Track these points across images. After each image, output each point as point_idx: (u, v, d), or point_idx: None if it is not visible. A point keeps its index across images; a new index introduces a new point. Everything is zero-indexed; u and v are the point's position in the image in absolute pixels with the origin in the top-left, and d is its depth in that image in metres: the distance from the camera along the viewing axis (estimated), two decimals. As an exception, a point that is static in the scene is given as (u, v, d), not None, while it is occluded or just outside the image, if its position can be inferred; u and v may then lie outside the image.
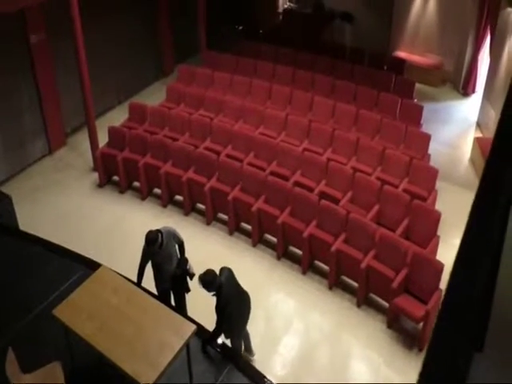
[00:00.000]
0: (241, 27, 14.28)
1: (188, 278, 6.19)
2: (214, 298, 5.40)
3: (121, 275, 6.04)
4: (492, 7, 10.61)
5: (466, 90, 11.84)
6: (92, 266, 6.52)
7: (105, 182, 9.23)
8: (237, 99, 10.13)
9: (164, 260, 5.98)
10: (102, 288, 5.70)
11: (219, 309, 5.38)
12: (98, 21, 10.13)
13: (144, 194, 8.91)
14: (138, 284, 6.05)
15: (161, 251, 5.87)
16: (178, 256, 6.16)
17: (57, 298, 6.06)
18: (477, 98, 11.39)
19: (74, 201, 8.91)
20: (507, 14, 9.86)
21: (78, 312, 5.36)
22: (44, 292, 6.46)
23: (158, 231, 5.83)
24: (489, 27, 10.83)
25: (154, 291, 6.26)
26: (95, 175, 9.32)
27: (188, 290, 6.28)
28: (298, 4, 14.29)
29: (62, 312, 5.36)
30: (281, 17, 14.59)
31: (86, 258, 7.04)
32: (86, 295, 5.59)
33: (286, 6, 14.69)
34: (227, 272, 5.54)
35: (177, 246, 6.12)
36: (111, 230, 8.27)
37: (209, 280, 5.28)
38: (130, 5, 11.19)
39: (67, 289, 6.24)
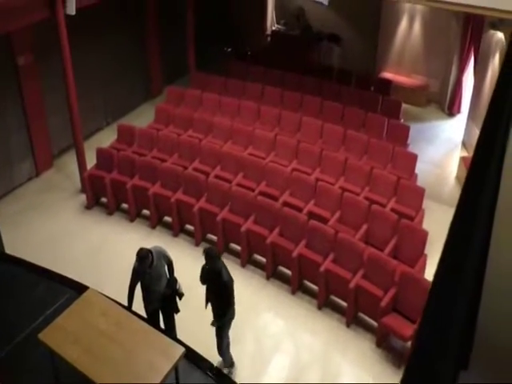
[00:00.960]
0: (229, 49, 14.43)
1: (177, 298, 6.16)
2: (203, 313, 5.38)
3: (109, 298, 5.99)
4: (475, 30, 10.84)
5: (451, 110, 12.01)
6: (79, 288, 6.46)
7: (92, 203, 9.19)
8: (226, 120, 10.20)
9: (153, 280, 5.95)
10: (90, 311, 5.64)
11: (222, 286, 5.72)
12: (86, 42, 10.19)
13: (132, 216, 8.88)
14: (129, 305, 6.01)
15: (151, 271, 5.86)
16: (168, 276, 6.13)
17: (43, 322, 5.98)
18: (462, 117, 11.56)
19: (61, 223, 8.85)
20: (490, 36, 10.07)
21: (64, 336, 5.29)
22: (30, 316, 6.38)
23: (149, 250, 5.82)
24: (472, 49, 11.05)
25: (143, 312, 6.21)
26: (83, 197, 9.29)
27: (177, 311, 6.25)
28: (286, 26, 14.49)
29: (48, 336, 5.29)
30: (269, 38, 14.77)
31: (73, 280, 6.97)
32: (73, 318, 5.53)
33: (274, 28, 14.89)
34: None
35: (166, 266, 6.11)
36: (99, 252, 8.22)
37: (215, 254, 5.74)
38: (119, 26, 11.26)
39: (54, 312, 6.16)
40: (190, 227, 8.55)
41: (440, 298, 1.20)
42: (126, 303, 6.10)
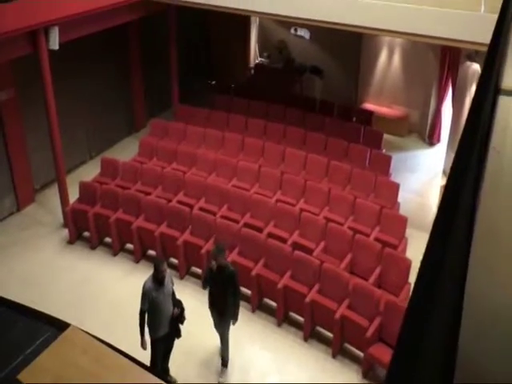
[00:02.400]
0: (213, 82, 14.61)
1: (179, 323, 6.14)
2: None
3: (92, 335, 5.87)
4: (452, 61, 11.13)
5: (431, 139, 12.22)
6: (60, 326, 6.31)
7: (75, 238, 9.10)
8: (210, 152, 10.25)
9: (165, 299, 5.98)
10: (71, 349, 5.49)
11: (234, 277, 6.24)
12: (69, 76, 10.26)
13: (116, 250, 8.80)
14: (142, 331, 5.95)
15: (163, 288, 5.91)
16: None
17: (21, 363, 5.82)
18: (442, 147, 11.75)
19: (42, 259, 8.73)
20: (467, 67, 10.34)
21: (44, 376, 5.15)
22: (8, 356, 6.20)
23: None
24: (450, 80, 11.33)
25: (128, 347, 6.08)
26: (65, 232, 9.20)
27: (179, 335, 6.20)
28: (269, 59, 14.73)
29: (28, 377, 5.13)
30: (252, 71, 14.99)
31: (54, 318, 6.81)
32: (54, 357, 5.37)
33: (257, 61, 15.13)
34: None
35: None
36: (81, 287, 8.10)
37: (224, 248, 6.33)
38: (102, 60, 11.35)
39: (33, 352, 6.00)
40: (174, 260, 8.48)
41: (411, 329, 1.20)
42: (109, 339, 5.96)
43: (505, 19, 3.60)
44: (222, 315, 6.47)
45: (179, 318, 6.13)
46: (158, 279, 5.88)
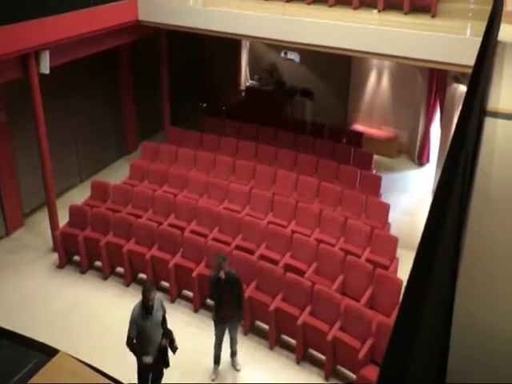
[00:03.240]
0: (204, 104, 14.72)
1: (170, 352, 6.01)
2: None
3: (81, 360, 5.81)
4: (440, 83, 11.30)
5: (420, 160, 12.33)
6: (49, 352, 6.25)
7: (65, 262, 9.01)
8: (201, 175, 10.27)
9: (153, 327, 5.83)
10: (60, 375, 5.44)
11: (239, 281, 6.69)
12: (60, 99, 10.30)
13: (106, 274, 8.72)
14: (136, 354, 5.81)
15: (151, 316, 5.78)
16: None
17: (10, 389, 5.74)
18: (431, 167, 11.85)
19: (31, 283, 8.63)
20: (454, 89, 10.50)
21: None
22: (-5, 383, 6.11)
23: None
24: (438, 101, 11.50)
25: (118, 372, 6.00)
26: (55, 256, 9.11)
27: (168, 365, 6.08)
28: (260, 81, 14.88)
29: (15, 404, 5.06)
30: (243, 94, 15.12)
31: (43, 343, 6.75)
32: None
33: (248, 84, 15.27)
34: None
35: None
36: (72, 312, 8.00)
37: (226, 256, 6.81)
38: (93, 83, 11.41)
39: (22, 379, 5.92)
40: (165, 283, 8.41)
41: (397, 349, 1.19)
42: (100, 364, 5.92)
43: (488, 43, 3.68)
44: (233, 320, 6.74)
45: (170, 347, 6.00)
46: (145, 306, 5.75)
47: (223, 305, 6.62)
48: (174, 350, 6.01)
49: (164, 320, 6.03)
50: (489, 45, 3.93)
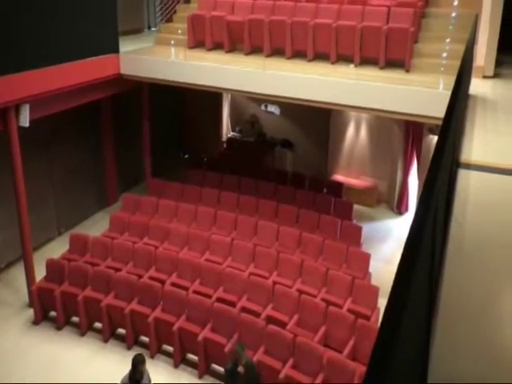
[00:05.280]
0: (186, 155, 14.83)
1: None
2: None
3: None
4: (416, 134, 11.61)
5: (399, 209, 12.48)
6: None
7: (41, 318, 8.75)
8: (182, 226, 10.22)
9: None
10: None
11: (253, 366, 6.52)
12: (40, 149, 10.29)
13: (83, 330, 8.46)
14: None
15: None
16: None
17: None
18: (410, 216, 11.97)
19: (6, 341, 8.34)
20: (429, 140, 10.78)
21: None
22: None
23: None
24: (415, 152, 11.78)
25: None
26: (30, 312, 8.85)
27: None
28: (241, 133, 15.11)
29: None
30: (225, 145, 15.30)
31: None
32: None
33: (229, 135, 15.49)
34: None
35: None
36: (47, 371, 7.69)
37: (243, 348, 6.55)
38: (74, 133, 11.43)
39: None
40: (144, 339, 8.20)
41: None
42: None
43: (457, 96, 3.81)
44: None
45: None
46: (134, 378, 5.61)
47: None
48: None
49: None
50: (458, 98, 4.07)
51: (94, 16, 9.44)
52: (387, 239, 11.38)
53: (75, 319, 8.62)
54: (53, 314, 8.76)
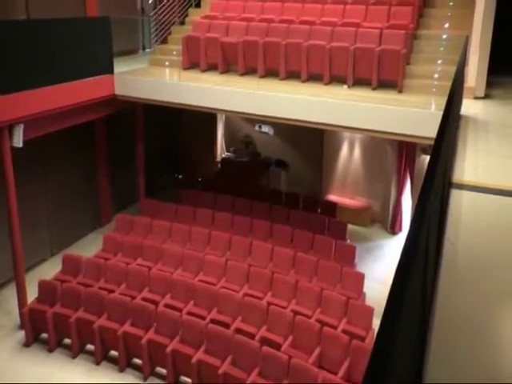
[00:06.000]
0: (180, 176, 14.84)
1: None
2: None
3: None
4: (409, 154, 11.69)
5: (393, 228, 12.50)
6: None
7: (32, 340, 8.63)
8: (176, 247, 10.17)
9: None
10: None
11: None
12: (33, 169, 10.25)
13: (75, 352, 8.35)
14: None
15: None
16: None
17: None
18: (404, 235, 11.95)
19: (-5, 364, 8.22)
20: (422, 160, 10.83)
21: None
22: None
23: None
24: (408, 172, 11.85)
25: None
26: (22, 334, 8.74)
27: None
28: (236, 153, 15.16)
29: None
30: (219, 165, 15.34)
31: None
32: None
33: (224, 155, 15.53)
34: None
35: None
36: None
37: None
38: (68, 153, 11.41)
39: None
40: (137, 361, 8.10)
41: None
42: None
43: (448, 117, 3.84)
44: None
45: None
46: None
47: None
48: None
49: None
50: (450, 118, 4.11)
51: (89, 38, 9.51)
52: (381, 259, 11.36)
53: (67, 341, 8.51)
54: (44, 335, 8.65)
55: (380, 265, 11.06)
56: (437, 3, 10.73)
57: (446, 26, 9.74)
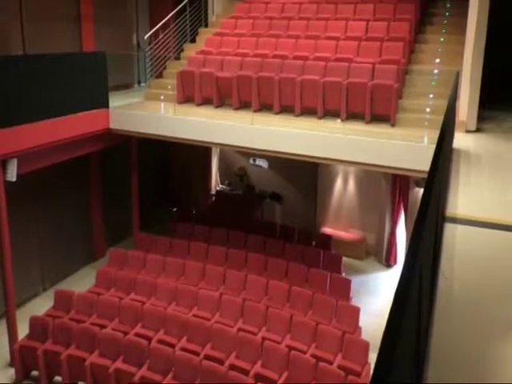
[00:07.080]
0: (174, 209, 14.81)
1: None
2: None
3: None
4: (403, 187, 11.75)
5: (388, 261, 12.46)
6: None
7: (22, 378, 8.43)
8: (170, 281, 10.06)
9: None
10: None
11: None
12: (25, 202, 10.19)
13: (66, 390, 8.17)
14: None
15: None
16: None
17: None
18: (399, 268, 11.92)
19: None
20: (416, 192, 10.90)
21: None
22: None
23: None
24: (402, 204, 11.89)
25: None
26: (12, 371, 8.55)
27: None
28: (230, 186, 15.19)
29: None
30: (214, 198, 15.33)
31: None
32: None
33: (218, 188, 15.55)
34: None
35: None
36: None
37: None
38: (61, 187, 11.38)
39: None
40: (129, 399, 7.90)
41: None
42: None
43: (440, 151, 3.88)
44: None
45: None
46: None
47: None
48: None
49: None
50: (442, 152, 4.15)
51: (85, 72, 9.62)
52: (377, 292, 11.28)
53: (58, 379, 8.33)
54: (35, 373, 8.45)
55: (375, 298, 10.97)
56: (428, 39, 10.97)
57: (437, 61, 9.93)
